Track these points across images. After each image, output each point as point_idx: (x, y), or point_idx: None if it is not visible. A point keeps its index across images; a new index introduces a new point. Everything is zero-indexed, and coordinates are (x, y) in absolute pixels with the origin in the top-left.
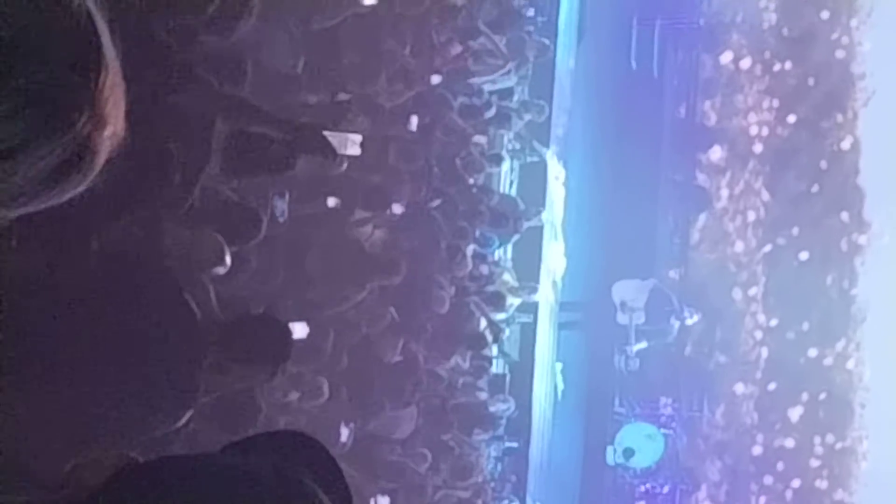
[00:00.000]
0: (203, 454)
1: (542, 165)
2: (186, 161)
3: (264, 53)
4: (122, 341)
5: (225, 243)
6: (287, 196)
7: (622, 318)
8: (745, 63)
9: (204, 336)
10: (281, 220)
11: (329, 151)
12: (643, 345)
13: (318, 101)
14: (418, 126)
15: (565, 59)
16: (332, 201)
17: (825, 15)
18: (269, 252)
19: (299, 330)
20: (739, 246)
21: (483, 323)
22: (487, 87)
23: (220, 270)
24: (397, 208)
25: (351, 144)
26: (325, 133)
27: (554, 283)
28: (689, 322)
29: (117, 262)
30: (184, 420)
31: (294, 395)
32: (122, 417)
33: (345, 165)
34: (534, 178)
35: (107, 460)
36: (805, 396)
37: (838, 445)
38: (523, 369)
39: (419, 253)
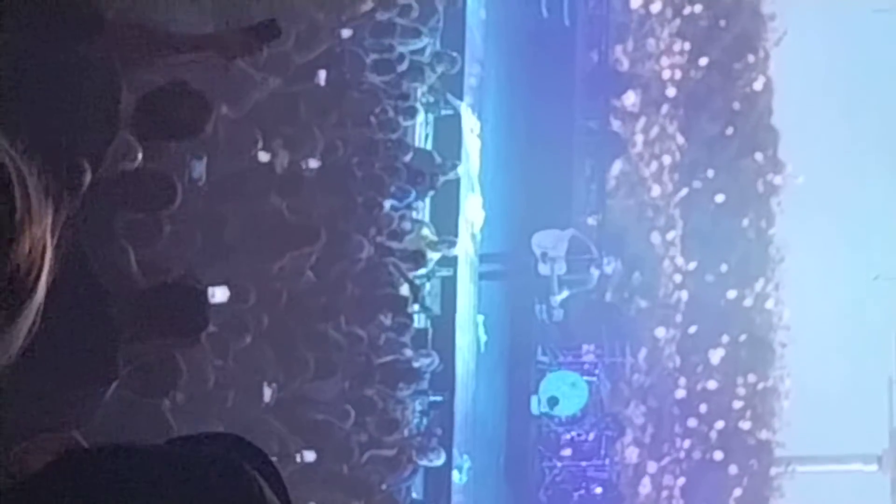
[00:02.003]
0: (146, 443)
1: (457, 118)
2: (92, 136)
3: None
4: (44, 321)
5: None
6: (205, 158)
7: (543, 269)
8: (656, 7)
9: (121, 308)
10: (199, 183)
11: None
12: (565, 294)
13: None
14: (328, 81)
15: (476, 9)
16: (264, 155)
17: None
18: (187, 217)
19: (220, 294)
20: (656, 190)
21: (403, 284)
22: (400, 47)
23: None
24: (313, 163)
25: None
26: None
27: (473, 235)
28: (608, 269)
29: None
30: (110, 391)
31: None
32: (49, 394)
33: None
34: (449, 131)
35: (51, 445)
36: (726, 338)
37: (760, 385)
38: (445, 323)
39: (336, 210)
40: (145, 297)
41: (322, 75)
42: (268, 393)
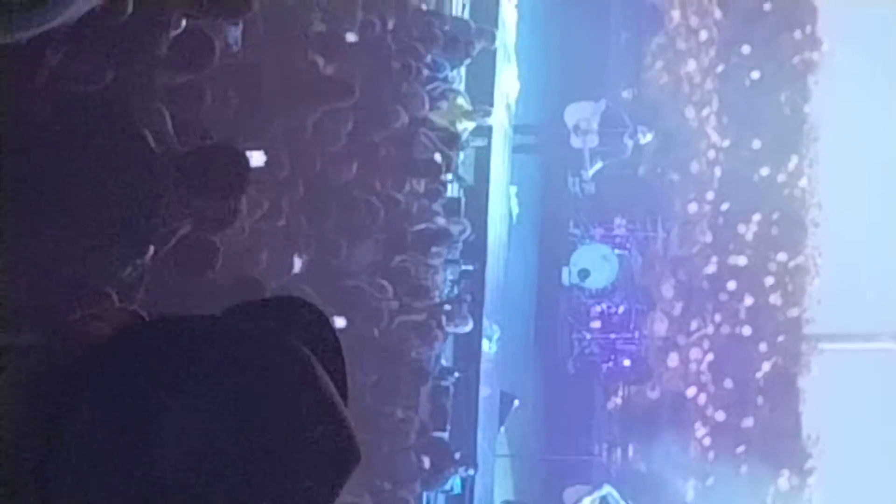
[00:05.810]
0: (203, 315)
1: None
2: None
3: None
4: (87, 180)
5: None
6: (240, 25)
7: (576, 142)
8: None
9: (162, 169)
10: (234, 48)
11: None
12: (598, 166)
13: None
14: None
15: None
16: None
17: None
18: (224, 80)
19: (256, 158)
20: (692, 65)
21: (437, 152)
22: None
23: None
24: (350, 37)
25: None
26: None
27: (507, 106)
28: (642, 141)
29: (74, 104)
30: (149, 254)
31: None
32: (92, 254)
33: None
34: (486, 0)
35: (113, 314)
36: (758, 215)
37: (791, 263)
38: (478, 193)
39: (373, 77)
40: (184, 159)
41: None
42: (297, 263)
